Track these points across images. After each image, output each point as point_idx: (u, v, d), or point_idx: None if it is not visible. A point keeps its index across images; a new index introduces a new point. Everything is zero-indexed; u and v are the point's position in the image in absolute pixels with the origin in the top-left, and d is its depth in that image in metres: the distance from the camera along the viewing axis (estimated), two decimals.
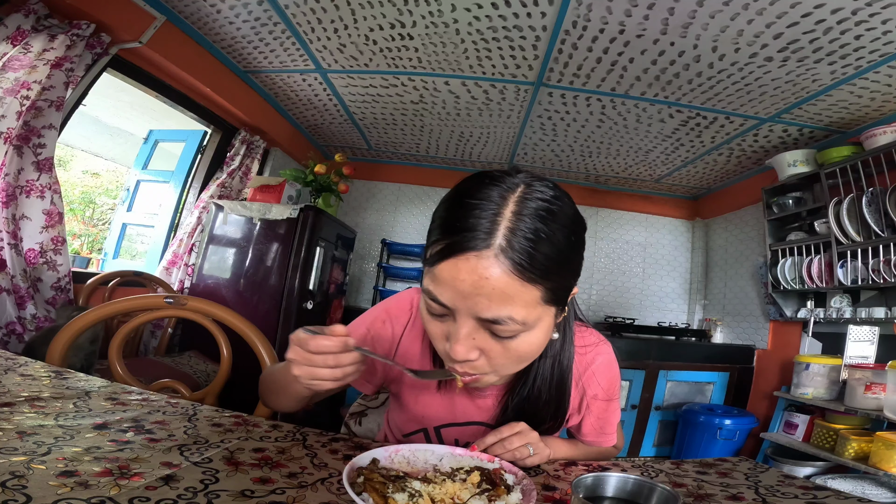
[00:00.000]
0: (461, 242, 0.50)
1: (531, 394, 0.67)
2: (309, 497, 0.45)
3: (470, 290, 0.50)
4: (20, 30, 1.61)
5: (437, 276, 0.52)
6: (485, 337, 0.53)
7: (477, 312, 0.51)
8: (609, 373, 0.74)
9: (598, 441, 0.77)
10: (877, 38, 1.72)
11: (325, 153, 3.86)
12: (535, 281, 0.50)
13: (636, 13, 1.75)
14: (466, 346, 0.53)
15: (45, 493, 0.38)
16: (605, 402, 0.75)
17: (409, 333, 0.73)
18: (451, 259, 0.50)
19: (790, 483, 0.64)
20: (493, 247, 0.49)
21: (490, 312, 0.50)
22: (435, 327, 0.57)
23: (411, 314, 0.74)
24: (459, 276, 0.50)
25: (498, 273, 0.49)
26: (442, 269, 0.51)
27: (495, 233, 0.49)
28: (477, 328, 0.53)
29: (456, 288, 0.50)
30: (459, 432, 0.74)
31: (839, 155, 2.34)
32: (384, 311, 0.75)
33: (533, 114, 2.74)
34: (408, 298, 0.75)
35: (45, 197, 1.70)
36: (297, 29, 2.13)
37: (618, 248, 3.93)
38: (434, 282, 0.53)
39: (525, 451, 0.61)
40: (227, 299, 2.40)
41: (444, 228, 0.52)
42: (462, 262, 0.50)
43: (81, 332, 0.97)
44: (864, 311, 2.26)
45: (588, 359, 0.73)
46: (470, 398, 0.72)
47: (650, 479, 0.43)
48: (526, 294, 0.50)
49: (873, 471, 1.76)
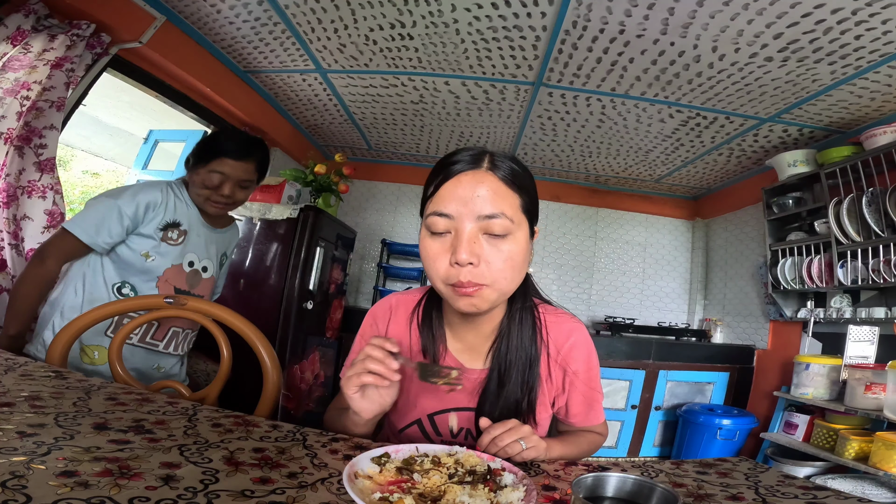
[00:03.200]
0: (459, 168, 0.67)
1: (503, 368, 0.76)
2: (309, 497, 0.45)
3: (470, 196, 0.65)
4: (20, 30, 1.61)
5: (441, 195, 0.66)
6: (482, 243, 0.65)
7: (478, 211, 0.64)
8: (587, 348, 0.81)
9: (588, 420, 0.82)
10: (877, 38, 1.72)
11: (325, 153, 3.86)
12: (516, 190, 0.68)
13: (636, 13, 1.75)
14: (469, 250, 0.64)
15: (45, 493, 0.38)
16: (587, 378, 0.80)
17: (392, 327, 0.83)
18: (452, 179, 0.67)
19: (790, 483, 0.64)
20: (483, 167, 0.67)
21: (487, 209, 0.64)
22: (434, 247, 0.67)
23: (391, 312, 0.84)
24: (461, 186, 0.65)
25: (491, 180, 0.66)
26: (446, 188, 0.66)
27: (483, 160, 0.68)
28: (476, 234, 0.65)
29: (459, 196, 0.65)
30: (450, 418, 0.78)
31: (839, 155, 2.34)
32: (370, 316, 0.87)
33: (533, 114, 2.74)
34: (387, 301, 0.86)
35: (46, 197, 1.70)
36: (297, 29, 2.13)
37: (618, 248, 3.93)
38: (439, 202, 0.66)
39: (517, 446, 0.63)
40: (227, 299, 2.39)
41: (443, 166, 0.68)
42: (463, 177, 0.66)
43: (81, 333, 0.97)
44: (864, 311, 2.26)
45: (563, 334, 0.80)
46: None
47: (650, 479, 0.43)
48: (511, 198, 0.67)
49: (873, 471, 1.76)
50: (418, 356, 0.79)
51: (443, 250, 0.66)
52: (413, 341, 0.80)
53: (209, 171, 1.28)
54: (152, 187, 1.26)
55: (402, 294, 0.86)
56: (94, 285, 1.21)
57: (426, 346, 0.78)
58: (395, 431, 0.82)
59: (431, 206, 0.67)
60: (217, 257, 1.42)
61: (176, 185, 1.32)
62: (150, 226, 1.23)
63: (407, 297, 0.85)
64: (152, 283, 1.25)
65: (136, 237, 1.23)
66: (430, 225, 0.67)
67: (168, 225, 1.26)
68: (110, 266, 1.22)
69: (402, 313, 0.83)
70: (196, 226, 1.33)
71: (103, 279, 1.21)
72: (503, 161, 0.69)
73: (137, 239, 1.23)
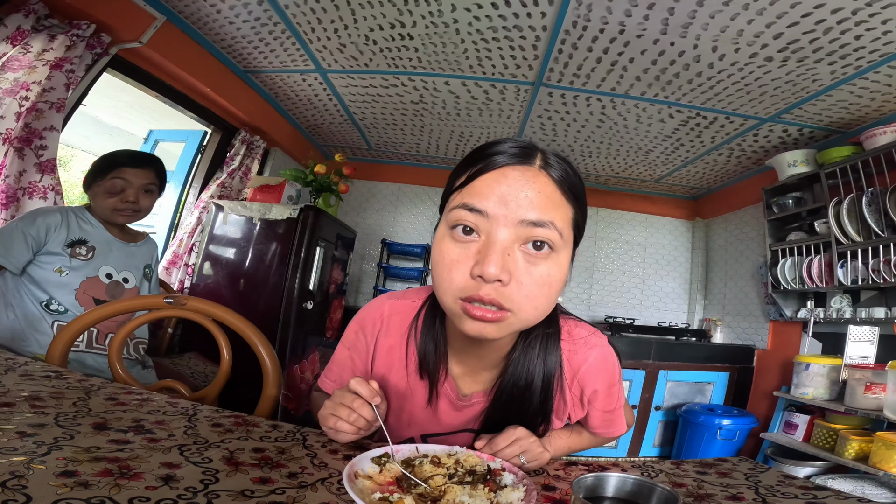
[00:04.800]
0: (504, 160, 0.54)
1: (513, 401, 0.66)
2: (309, 497, 0.45)
3: (515, 195, 0.52)
4: (20, 30, 1.61)
5: (476, 187, 0.53)
6: (517, 259, 0.53)
7: (522, 215, 0.52)
8: (605, 366, 0.70)
9: (609, 432, 0.76)
10: (877, 38, 1.72)
11: (325, 153, 3.86)
12: (571, 199, 0.56)
13: (636, 13, 1.75)
14: (500, 263, 0.51)
15: (45, 493, 0.38)
16: (606, 395, 0.71)
17: (383, 340, 0.71)
18: (494, 171, 0.53)
19: (790, 483, 0.64)
20: (535, 164, 0.55)
21: (534, 214, 0.52)
22: (453, 253, 0.54)
23: (382, 323, 0.71)
24: (506, 182, 0.52)
25: (545, 181, 0.54)
26: (484, 180, 0.53)
27: (534, 157, 0.55)
28: (511, 245, 0.52)
29: (500, 194, 0.52)
30: (447, 441, 0.72)
31: (839, 155, 2.34)
32: (357, 322, 0.75)
33: (533, 114, 2.74)
34: (378, 307, 0.73)
35: (47, 198, 1.70)
36: (297, 29, 2.13)
37: (618, 248, 3.93)
38: (472, 193, 0.53)
39: (517, 461, 0.60)
40: (227, 299, 2.40)
41: (480, 157, 0.55)
42: (509, 171, 0.53)
43: (81, 333, 0.97)
44: (864, 311, 2.26)
45: (580, 357, 0.69)
46: (455, 410, 0.70)
47: (650, 479, 0.43)
48: (563, 208, 0.55)
49: (873, 471, 1.76)
50: (414, 375, 0.69)
51: (464, 257, 0.53)
52: (410, 360, 0.69)
53: (111, 179, 1.34)
54: (52, 211, 1.34)
55: (396, 300, 0.72)
56: (23, 305, 1.28)
57: (423, 367, 0.67)
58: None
59: (459, 197, 0.54)
60: (140, 269, 1.47)
61: (77, 210, 1.39)
62: (55, 244, 1.30)
63: (403, 304, 0.71)
64: (71, 296, 1.31)
65: (45, 256, 1.29)
66: (453, 220, 0.54)
67: (74, 242, 1.33)
68: (30, 286, 1.29)
69: (395, 324, 0.70)
70: (107, 242, 1.40)
71: (29, 299, 1.28)
72: (559, 162, 0.56)
73: (47, 257, 1.29)
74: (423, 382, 0.69)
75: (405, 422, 0.73)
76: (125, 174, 1.36)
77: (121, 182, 1.35)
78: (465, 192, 0.54)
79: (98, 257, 1.36)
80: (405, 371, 0.70)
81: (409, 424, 0.73)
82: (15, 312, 1.27)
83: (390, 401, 0.71)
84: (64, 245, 1.31)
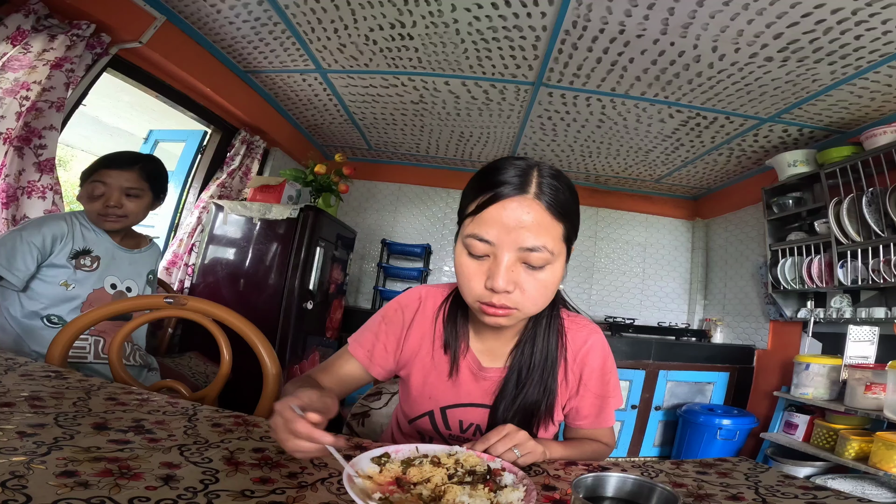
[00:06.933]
0: (506, 191, 0.65)
1: (523, 371, 0.78)
2: (309, 497, 0.45)
3: (514, 225, 0.64)
4: (20, 30, 1.61)
5: (484, 218, 0.65)
6: (519, 271, 0.66)
7: (520, 243, 0.64)
8: (603, 350, 0.83)
9: (597, 423, 0.82)
10: (877, 38, 1.72)
11: (325, 153, 3.86)
12: (560, 218, 0.67)
13: (636, 13, 1.75)
14: (507, 278, 0.64)
15: (45, 493, 0.38)
16: (600, 381, 0.81)
17: (419, 318, 0.83)
18: (497, 203, 0.65)
19: (790, 483, 0.64)
20: (530, 193, 0.65)
21: (530, 241, 0.64)
22: (471, 267, 0.67)
23: (420, 303, 0.84)
24: (506, 213, 0.64)
25: (538, 210, 0.65)
26: (489, 212, 0.65)
27: (530, 184, 0.66)
28: (514, 262, 0.65)
29: (503, 224, 0.64)
30: (463, 413, 0.80)
31: (839, 155, 2.34)
32: (397, 302, 0.86)
33: (533, 114, 2.74)
34: (417, 292, 0.86)
35: (46, 198, 1.70)
36: (297, 29, 2.13)
37: (618, 248, 3.93)
38: (481, 224, 0.65)
39: (511, 454, 0.62)
40: (227, 299, 2.40)
41: (488, 184, 0.66)
42: (508, 203, 0.65)
43: (81, 332, 0.97)
44: (864, 311, 2.26)
45: (582, 337, 0.82)
46: (475, 382, 0.80)
47: (650, 479, 0.43)
48: (554, 229, 0.66)
49: (873, 471, 1.76)
50: (440, 351, 0.81)
51: (480, 271, 0.67)
52: (437, 335, 0.82)
53: (91, 183, 1.28)
54: (57, 219, 1.28)
55: (431, 287, 0.87)
56: (20, 322, 1.21)
57: (448, 342, 0.80)
58: (406, 420, 0.85)
59: (472, 226, 0.66)
60: (143, 277, 1.44)
61: (81, 216, 1.33)
62: (61, 256, 1.24)
63: (436, 290, 0.86)
64: (77, 311, 1.26)
65: (50, 268, 1.23)
66: (469, 245, 0.67)
67: (78, 253, 1.28)
68: (31, 303, 1.22)
69: (429, 306, 0.84)
70: (111, 250, 1.35)
71: (29, 314, 1.22)
72: (550, 185, 0.66)
73: (51, 270, 1.24)
74: (446, 357, 0.80)
75: (427, 395, 0.81)
76: (104, 176, 1.28)
77: (100, 186, 1.27)
78: (476, 222, 0.66)
79: (103, 267, 1.31)
80: (432, 346, 0.82)
81: (431, 397, 0.81)
82: (12, 326, 1.21)
83: (416, 374, 0.83)
84: (68, 256, 1.25)
